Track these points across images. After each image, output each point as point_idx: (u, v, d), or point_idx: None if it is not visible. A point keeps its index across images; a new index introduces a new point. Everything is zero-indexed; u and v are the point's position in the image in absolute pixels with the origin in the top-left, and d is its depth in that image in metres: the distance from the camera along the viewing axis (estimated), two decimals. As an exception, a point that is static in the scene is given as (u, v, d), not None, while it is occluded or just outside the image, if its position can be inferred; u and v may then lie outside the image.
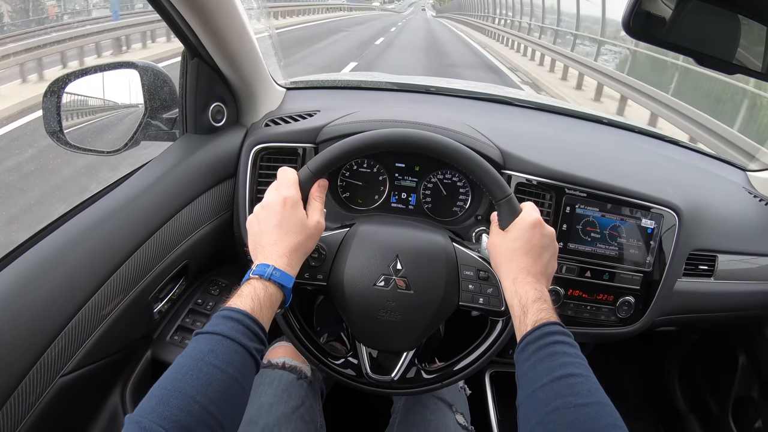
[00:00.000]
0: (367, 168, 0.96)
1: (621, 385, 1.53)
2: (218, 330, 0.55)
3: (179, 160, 0.89)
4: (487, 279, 0.75)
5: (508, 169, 0.90)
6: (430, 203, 0.97)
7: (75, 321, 0.68)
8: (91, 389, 0.79)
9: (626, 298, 0.92)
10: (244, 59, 0.92)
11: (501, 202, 0.71)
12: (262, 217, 0.67)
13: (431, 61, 10.94)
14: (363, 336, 0.76)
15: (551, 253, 0.70)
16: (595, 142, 1.22)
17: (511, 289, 0.65)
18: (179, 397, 0.48)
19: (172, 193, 0.86)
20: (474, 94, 1.34)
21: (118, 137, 0.90)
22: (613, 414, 0.52)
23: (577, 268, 0.91)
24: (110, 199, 0.80)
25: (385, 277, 0.73)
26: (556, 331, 0.58)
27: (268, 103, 1.05)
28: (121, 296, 0.75)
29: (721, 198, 1.12)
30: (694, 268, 1.00)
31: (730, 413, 1.23)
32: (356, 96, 1.31)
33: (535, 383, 0.55)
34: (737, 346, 1.24)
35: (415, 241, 0.76)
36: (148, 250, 0.79)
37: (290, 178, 0.69)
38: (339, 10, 26.54)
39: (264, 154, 0.92)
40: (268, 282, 0.61)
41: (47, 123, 0.82)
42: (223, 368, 0.52)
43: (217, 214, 0.94)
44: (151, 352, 0.93)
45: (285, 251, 0.64)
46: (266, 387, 0.82)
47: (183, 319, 0.97)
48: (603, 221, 0.91)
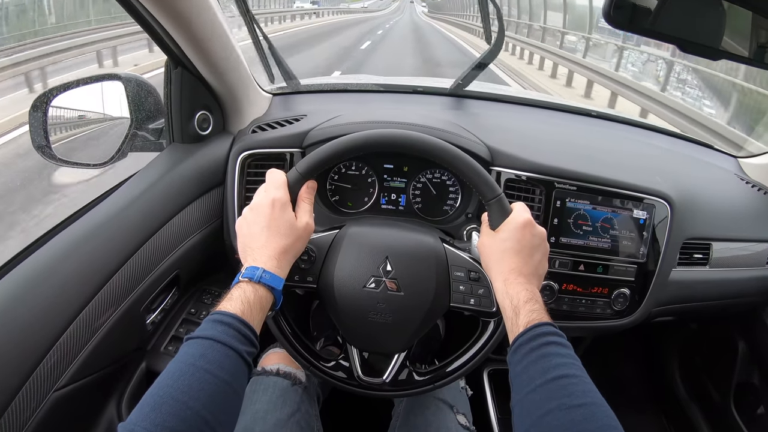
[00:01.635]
0: (356, 170, 0.96)
1: (621, 377, 1.53)
2: (209, 334, 0.54)
3: (167, 170, 0.89)
4: (478, 280, 0.74)
5: (496, 166, 0.90)
6: (420, 203, 0.97)
7: (67, 335, 0.67)
8: (87, 403, 0.79)
9: (621, 290, 0.92)
10: (227, 67, 0.91)
11: (491, 202, 0.70)
12: (251, 219, 0.67)
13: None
14: (354, 338, 0.75)
15: (542, 253, 0.69)
16: (583, 135, 1.21)
17: (503, 289, 0.65)
18: (171, 403, 0.48)
19: (161, 203, 0.86)
20: (460, 93, 1.34)
21: (105, 149, 0.89)
22: (609, 414, 0.51)
23: (570, 262, 0.91)
24: (98, 211, 0.80)
25: (375, 278, 0.72)
26: (549, 331, 0.58)
27: (254, 110, 1.05)
28: (113, 308, 0.75)
29: (713, 185, 1.11)
30: (688, 257, 0.99)
31: (732, 400, 1.23)
32: (343, 99, 1.30)
33: (529, 385, 0.54)
34: (736, 334, 1.24)
35: (405, 243, 0.76)
36: (138, 261, 0.79)
37: (279, 179, 0.69)
38: (299, 17, 20.94)
39: (251, 161, 0.92)
40: (257, 285, 0.61)
41: (34, 137, 0.82)
42: (215, 372, 0.52)
43: (207, 222, 0.94)
44: (146, 364, 0.92)
45: (274, 253, 0.64)
46: (261, 394, 0.82)
47: (176, 330, 0.97)
48: (594, 214, 0.90)
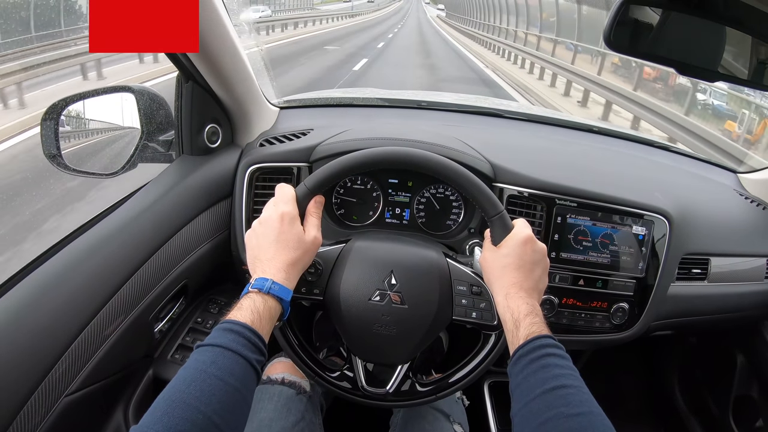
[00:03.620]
0: (361, 185, 0.98)
1: (621, 390, 1.53)
2: (219, 342, 0.56)
3: (176, 182, 0.90)
4: (479, 294, 0.76)
5: (499, 182, 0.92)
6: (423, 218, 0.98)
7: (78, 341, 0.69)
8: (95, 408, 0.81)
9: (620, 305, 0.93)
10: (236, 80, 0.94)
11: (493, 219, 0.72)
12: (260, 232, 0.68)
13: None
14: (358, 349, 0.77)
15: (542, 269, 0.71)
16: (585, 152, 1.23)
17: (504, 303, 0.67)
18: (183, 407, 0.49)
19: (170, 214, 0.88)
20: (464, 108, 1.36)
21: (115, 160, 0.91)
22: (606, 424, 0.52)
23: (571, 276, 0.92)
24: (109, 221, 0.82)
25: (380, 292, 0.74)
26: (548, 344, 0.60)
27: (262, 123, 1.07)
28: (123, 317, 0.77)
29: (712, 201, 1.13)
30: (687, 272, 1.00)
31: (731, 413, 1.23)
32: (348, 113, 1.32)
33: (528, 395, 0.56)
34: (735, 347, 1.25)
35: (409, 257, 0.78)
36: (147, 270, 0.81)
37: (288, 194, 0.71)
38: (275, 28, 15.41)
39: (259, 174, 0.94)
40: (266, 295, 0.62)
41: (46, 146, 0.83)
42: (225, 379, 0.53)
43: (214, 234, 0.95)
44: (153, 371, 0.94)
45: (283, 265, 0.65)
46: (266, 402, 0.83)
47: (183, 338, 0.98)
48: (594, 230, 0.92)
